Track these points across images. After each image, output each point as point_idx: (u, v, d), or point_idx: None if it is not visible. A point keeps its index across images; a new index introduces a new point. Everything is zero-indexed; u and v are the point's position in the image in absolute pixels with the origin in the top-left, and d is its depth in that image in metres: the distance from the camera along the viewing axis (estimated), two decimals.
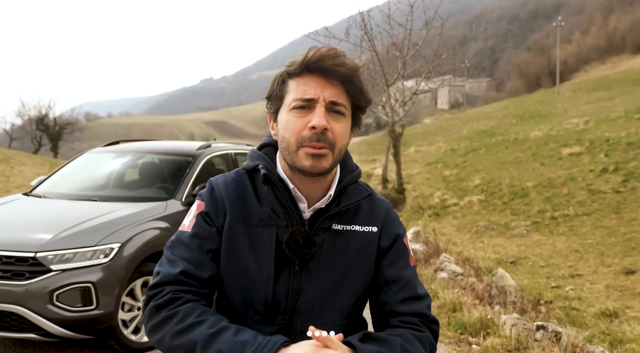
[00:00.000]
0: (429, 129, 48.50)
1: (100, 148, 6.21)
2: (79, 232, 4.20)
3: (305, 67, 1.24)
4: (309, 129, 1.23)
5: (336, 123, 1.25)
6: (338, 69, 1.23)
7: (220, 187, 1.35)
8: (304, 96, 1.24)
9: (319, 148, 1.23)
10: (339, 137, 1.26)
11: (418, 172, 22.71)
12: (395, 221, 1.43)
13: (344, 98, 1.27)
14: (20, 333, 3.94)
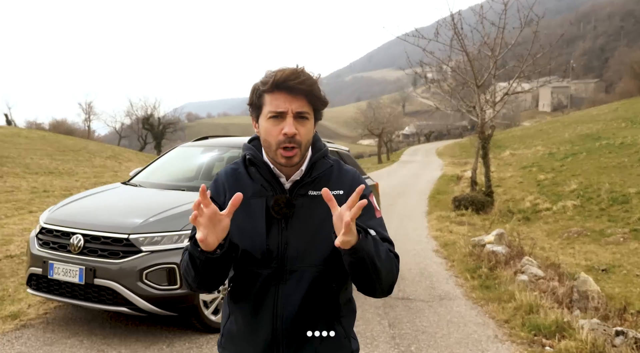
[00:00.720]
0: (527, 132, 46.56)
1: (191, 142, 6.66)
2: (166, 218, 4.57)
3: (275, 86, 1.63)
4: (282, 135, 1.63)
5: (302, 127, 1.66)
6: (300, 87, 1.62)
7: (221, 175, 1.80)
8: (277, 110, 1.63)
9: (290, 149, 1.64)
10: (304, 136, 1.66)
11: (511, 175, 21.94)
12: (359, 182, 1.74)
13: (307, 107, 1.66)
14: (114, 306, 4.37)
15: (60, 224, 4.69)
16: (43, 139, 35.00)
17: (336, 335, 1.72)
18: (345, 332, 1.76)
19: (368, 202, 1.65)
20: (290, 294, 1.65)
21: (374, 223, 1.70)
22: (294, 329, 1.67)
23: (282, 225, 1.67)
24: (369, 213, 1.71)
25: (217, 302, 4.75)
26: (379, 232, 1.69)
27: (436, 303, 5.87)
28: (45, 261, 4.55)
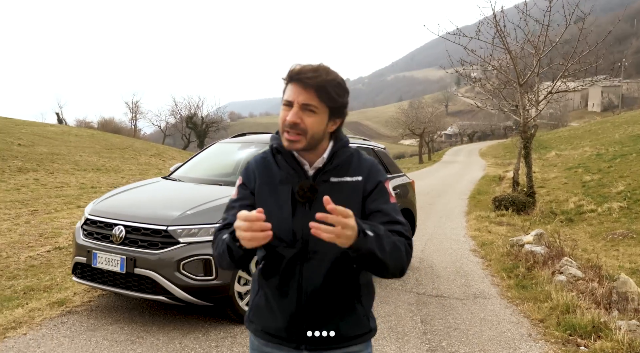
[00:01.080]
0: (575, 133, 45.31)
1: (229, 139, 6.82)
2: (203, 211, 4.72)
3: (289, 78, 1.77)
4: (286, 121, 1.75)
5: (308, 118, 1.75)
6: (309, 82, 1.73)
7: (252, 163, 1.93)
8: (287, 99, 1.77)
9: (292, 135, 1.75)
10: (310, 126, 1.75)
11: (555, 176, 21.42)
12: (378, 171, 1.90)
13: (315, 100, 1.75)
14: (153, 295, 4.55)
15: (103, 215, 4.90)
16: (92, 138, 36.14)
17: (356, 313, 1.85)
18: (364, 310, 1.88)
19: (383, 187, 1.85)
20: (313, 273, 1.79)
21: (387, 208, 1.83)
22: (317, 305, 1.80)
23: (306, 209, 1.78)
24: (383, 197, 1.84)
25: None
26: (389, 214, 1.81)
27: (470, 301, 5.84)
28: (89, 251, 4.76)
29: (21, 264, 7.27)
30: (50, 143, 28.92)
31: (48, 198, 14.81)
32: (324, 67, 1.78)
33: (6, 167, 20.12)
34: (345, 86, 1.83)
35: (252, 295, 1.94)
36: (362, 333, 1.88)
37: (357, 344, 1.87)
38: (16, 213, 11.81)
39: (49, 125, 42.84)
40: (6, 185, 16.76)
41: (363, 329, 1.88)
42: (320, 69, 1.76)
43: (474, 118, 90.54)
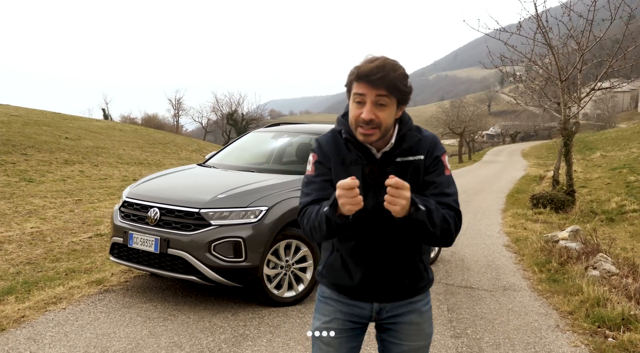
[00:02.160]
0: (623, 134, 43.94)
1: (263, 128, 6.97)
2: (234, 195, 4.86)
3: (358, 78, 1.88)
4: (361, 118, 1.88)
5: (381, 112, 1.88)
6: (380, 83, 1.84)
7: (323, 143, 2.09)
8: (359, 91, 1.88)
9: (367, 130, 1.89)
10: (383, 120, 1.89)
11: (598, 176, 20.88)
12: (436, 146, 2.06)
13: (387, 96, 1.87)
14: (185, 275, 4.72)
15: (139, 198, 5.10)
16: (135, 133, 37.09)
17: (417, 268, 2.10)
18: (424, 265, 2.14)
19: (439, 161, 2.03)
20: (383, 239, 2.01)
21: (440, 180, 2.01)
22: (386, 263, 2.05)
23: (376, 189, 1.97)
24: (439, 169, 2.02)
25: (279, 278, 4.99)
26: (440, 186, 1.99)
27: (499, 293, 5.82)
28: (126, 232, 4.97)
29: (64, 248, 7.57)
30: (96, 137, 29.81)
31: (92, 188, 15.30)
32: (389, 64, 1.88)
33: (54, 159, 20.85)
34: (406, 74, 1.94)
35: (325, 254, 2.18)
36: (423, 286, 2.13)
37: (419, 294, 2.12)
38: (61, 202, 12.25)
39: (94, 120, 44.15)
40: (53, 176, 17.40)
41: (424, 282, 2.13)
42: (387, 66, 1.86)
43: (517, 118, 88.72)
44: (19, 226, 8.93)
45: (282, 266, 5.01)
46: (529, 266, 7.00)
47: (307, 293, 5.16)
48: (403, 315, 2.10)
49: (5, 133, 23.73)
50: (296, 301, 5.07)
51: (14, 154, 20.08)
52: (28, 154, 20.66)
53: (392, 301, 2.09)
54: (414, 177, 1.99)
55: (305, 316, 4.78)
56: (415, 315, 2.11)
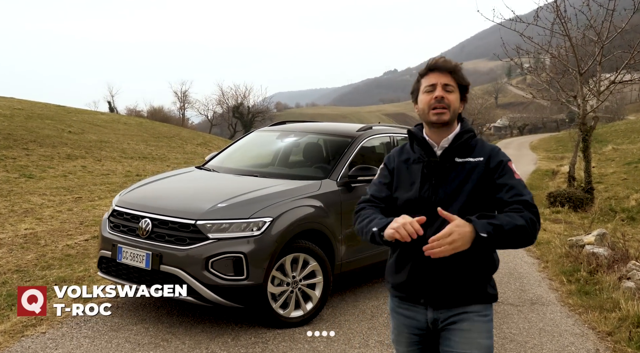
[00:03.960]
0: (633, 127, 43.18)
1: (268, 127, 6.45)
2: (235, 204, 4.36)
3: (429, 69, 2.21)
4: (433, 99, 2.16)
5: (449, 94, 2.18)
6: (446, 67, 2.19)
7: (393, 151, 2.39)
8: (430, 83, 2.19)
9: (440, 108, 2.16)
10: (452, 101, 2.18)
11: (613, 172, 20.28)
12: (499, 154, 2.20)
13: (452, 81, 2.19)
14: (179, 295, 4.21)
15: (130, 207, 4.61)
16: (140, 126, 36.69)
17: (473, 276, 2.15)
18: (483, 275, 2.17)
19: (507, 166, 2.15)
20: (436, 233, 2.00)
21: (513, 182, 2.12)
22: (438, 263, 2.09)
23: (433, 182, 2.17)
24: (508, 174, 2.14)
25: (285, 295, 4.49)
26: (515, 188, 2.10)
27: (527, 308, 5.30)
28: (115, 245, 4.48)
29: (58, 253, 7.17)
30: (100, 131, 29.39)
31: (93, 185, 14.93)
32: (449, 60, 2.24)
33: (55, 154, 20.45)
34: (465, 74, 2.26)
35: (388, 259, 2.32)
36: (480, 296, 2.16)
37: (474, 303, 2.15)
38: (60, 200, 11.88)
39: (99, 113, 43.73)
40: (54, 171, 17.01)
41: (480, 291, 2.16)
42: (448, 61, 2.23)
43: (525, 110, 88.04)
44: (12, 228, 8.52)
45: (289, 282, 4.50)
46: (555, 275, 6.47)
47: (317, 312, 4.67)
48: (455, 322, 2.14)
49: (7, 127, 23.33)
50: (304, 321, 4.56)
51: (15, 148, 19.67)
52: (29, 149, 20.26)
53: (445, 307, 2.15)
54: (471, 178, 2.13)
55: (315, 341, 4.27)
56: (467, 323, 2.13)
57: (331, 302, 5.13)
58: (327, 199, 4.80)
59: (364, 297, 5.43)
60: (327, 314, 4.87)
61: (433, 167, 2.17)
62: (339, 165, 5.11)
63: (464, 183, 2.13)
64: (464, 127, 2.24)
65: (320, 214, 4.71)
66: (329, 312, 4.93)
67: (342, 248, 4.96)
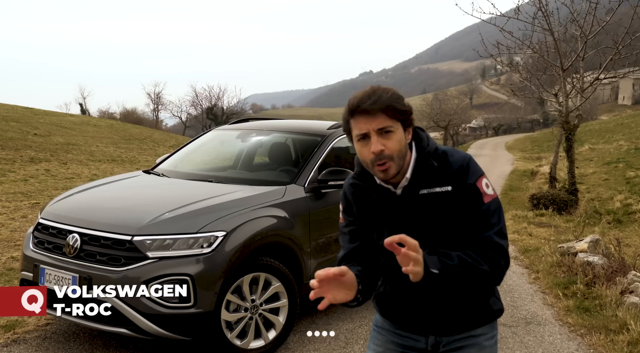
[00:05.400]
0: (606, 127, 43.36)
1: (228, 125, 5.72)
2: (181, 215, 3.65)
3: (352, 112, 1.77)
4: (372, 154, 1.75)
5: (389, 141, 1.75)
6: (374, 108, 1.73)
7: (347, 190, 1.98)
8: (360, 132, 1.77)
9: (382, 164, 1.76)
10: (393, 150, 1.75)
11: (593, 172, 19.93)
12: (466, 173, 1.81)
13: (388, 120, 1.75)
14: (111, 326, 3.48)
15: (57, 220, 3.86)
16: (110, 128, 35.67)
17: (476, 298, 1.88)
18: (489, 292, 1.91)
19: (474, 189, 1.80)
20: None
21: (479, 212, 1.79)
22: (438, 292, 1.82)
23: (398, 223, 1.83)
24: (474, 200, 1.80)
25: (243, 323, 3.79)
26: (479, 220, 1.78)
27: (522, 328, 4.68)
28: (37, 265, 3.73)
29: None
30: (67, 133, 28.37)
31: (54, 189, 14.11)
32: (378, 89, 1.78)
33: (18, 157, 19.51)
34: (400, 94, 1.81)
35: (378, 287, 1.99)
36: (487, 317, 1.91)
37: (481, 326, 1.90)
38: (15, 206, 11.09)
39: (68, 115, 42.45)
40: (15, 176, 16.10)
41: (487, 312, 1.91)
42: (377, 91, 1.76)
43: (500, 111, 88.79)
44: None
45: (247, 308, 3.79)
46: (548, 288, 5.87)
47: (281, 341, 3.97)
48: (462, 348, 1.90)
49: None
50: (266, 352, 3.87)
51: None
52: None
53: (448, 334, 1.90)
54: (444, 211, 1.80)
55: None
56: (475, 349, 1.91)
57: (298, 327, 4.43)
58: (293, 208, 4.10)
59: (337, 319, 4.74)
60: (294, 342, 4.18)
61: (395, 207, 1.84)
62: (306, 168, 4.40)
63: (434, 219, 1.81)
64: (420, 151, 1.84)
65: (284, 226, 4.02)
66: (296, 339, 4.24)
67: (310, 263, 4.28)
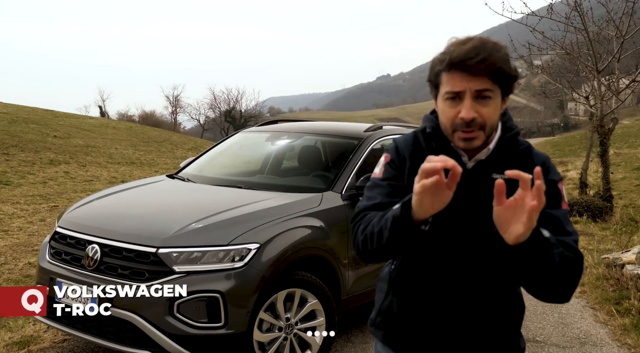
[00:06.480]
0: (629, 131, 42.35)
1: (255, 127, 5.40)
2: (210, 225, 3.33)
3: (451, 65, 1.44)
4: (459, 119, 1.46)
5: (484, 108, 1.45)
6: (480, 67, 1.41)
7: (401, 143, 1.65)
8: (453, 89, 1.46)
9: (469, 132, 1.47)
10: (488, 118, 1.46)
11: (623, 177, 19.31)
12: (550, 169, 1.56)
13: (490, 84, 1.44)
14: (133, 348, 3.16)
15: (75, 228, 3.56)
16: (129, 131, 35.77)
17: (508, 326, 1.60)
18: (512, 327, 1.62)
19: (556, 189, 1.54)
20: (462, 277, 1.55)
21: (557, 213, 1.49)
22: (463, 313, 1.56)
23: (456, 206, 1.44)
24: (555, 200, 1.51)
25: (277, 344, 3.45)
26: (559, 222, 1.47)
27: (577, 350, 4.28)
28: (53, 278, 3.43)
29: (16, 273, 6.27)
30: (87, 136, 28.42)
31: (73, 192, 14.01)
32: (489, 43, 1.43)
33: (38, 159, 19.51)
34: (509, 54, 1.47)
35: (379, 298, 1.71)
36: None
37: None
38: (34, 209, 10.97)
39: (87, 117, 42.67)
40: (34, 178, 16.05)
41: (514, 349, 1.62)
42: (487, 46, 1.42)
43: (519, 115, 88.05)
44: None
45: (281, 327, 3.46)
46: (597, 303, 5.45)
47: None
48: None
49: None
50: None
51: None
52: (10, 154, 19.26)
53: None
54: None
55: None
56: None
57: (335, 346, 4.08)
58: (330, 217, 3.75)
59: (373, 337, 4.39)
60: None
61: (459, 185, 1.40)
62: (343, 173, 4.05)
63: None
64: (508, 129, 1.57)
65: (321, 237, 3.68)
66: None
67: (348, 277, 3.93)
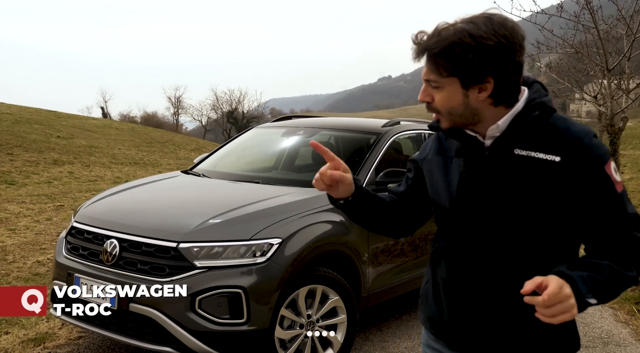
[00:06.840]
0: (632, 132, 42.31)
1: (270, 122, 5.34)
2: (231, 220, 3.27)
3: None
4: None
5: (437, 94, 1.40)
6: (419, 50, 1.37)
7: (431, 137, 1.67)
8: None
9: (434, 115, 1.47)
10: (440, 104, 1.40)
11: (630, 178, 19.25)
12: (590, 148, 1.32)
13: (435, 72, 1.36)
14: (154, 344, 3.10)
15: (93, 223, 3.50)
16: (132, 131, 35.81)
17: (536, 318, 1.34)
18: None
19: (601, 173, 1.31)
20: (487, 258, 1.43)
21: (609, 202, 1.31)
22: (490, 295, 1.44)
23: (474, 186, 1.43)
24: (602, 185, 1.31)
25: (298, 342, 3.38)
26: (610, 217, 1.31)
27: (600, 350, 4.21)
28: (71, 274, 3.37)
29: (25, 271, 6.22)
30: (90, 136, 28.46)
31: (78, 192, 14.01)
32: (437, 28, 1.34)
33: (42, 159, 19.52)
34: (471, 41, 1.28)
35: (423, 282, 1.66)
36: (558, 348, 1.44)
37: None
38: (40, 209, 10.94)
39: (90, 118, 42.77)
40: (38, 178, 16.05)
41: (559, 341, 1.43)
42: (434, 32, 1.34)
43: None
44: None
45: (302, 324, 3.39)
46: (617, 303, 5.36)
47: None
48: None
49: None
50: None
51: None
52: (14, 154, 19.26)
53: None
54: (542, 185, 1.32)
55: None
56: None
57: (353, 345, 4.02)
58: None
59: (392, 335, 4.32)
60: None
61: (477, 164, 1.42)
62: (363, 168, 3.98)
63: (524, 192, 1.36)
64: (531, 100, 1.38)
65: (342, 232, 3.61)
66: None
67: (369, 273, 3.85)
